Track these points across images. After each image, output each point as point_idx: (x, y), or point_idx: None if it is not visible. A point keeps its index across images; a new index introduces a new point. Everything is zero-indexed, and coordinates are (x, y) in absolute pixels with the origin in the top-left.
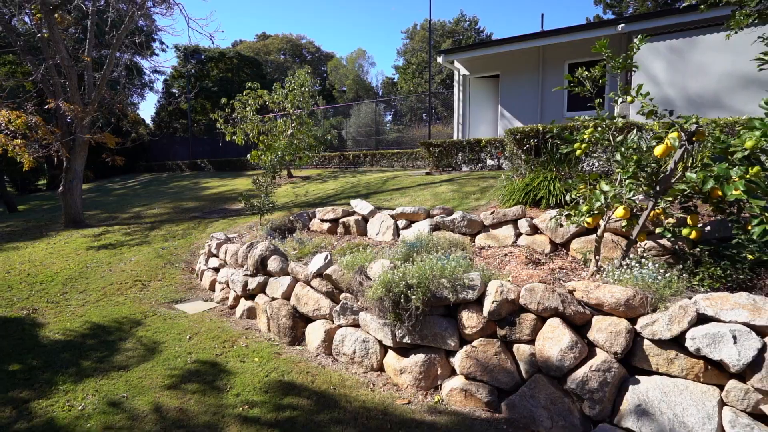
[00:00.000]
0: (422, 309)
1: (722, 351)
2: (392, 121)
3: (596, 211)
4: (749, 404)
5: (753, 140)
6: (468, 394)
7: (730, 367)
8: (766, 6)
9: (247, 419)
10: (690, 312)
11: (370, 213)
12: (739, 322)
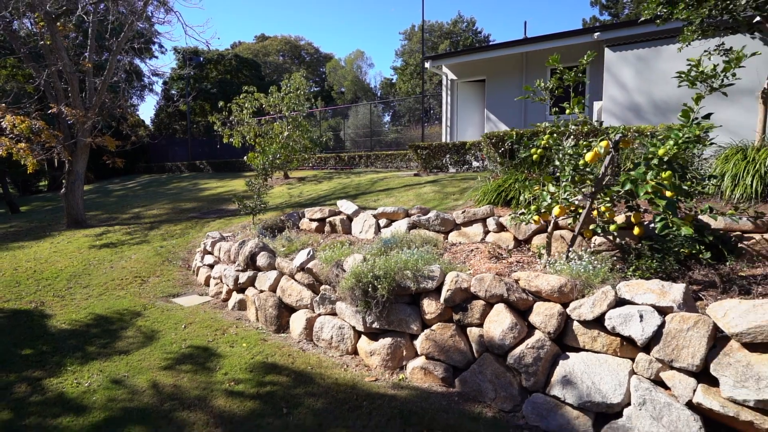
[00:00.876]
0: (387, 297)
1: (631, 328)
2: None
3: (543, 210)
4: (652, 372)
5: (664, 149)
6: (427, 371)
7: (637, 341)
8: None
9: (233, 393)
10: (609, 296)
11: (354, 213)
12: (648, 304)
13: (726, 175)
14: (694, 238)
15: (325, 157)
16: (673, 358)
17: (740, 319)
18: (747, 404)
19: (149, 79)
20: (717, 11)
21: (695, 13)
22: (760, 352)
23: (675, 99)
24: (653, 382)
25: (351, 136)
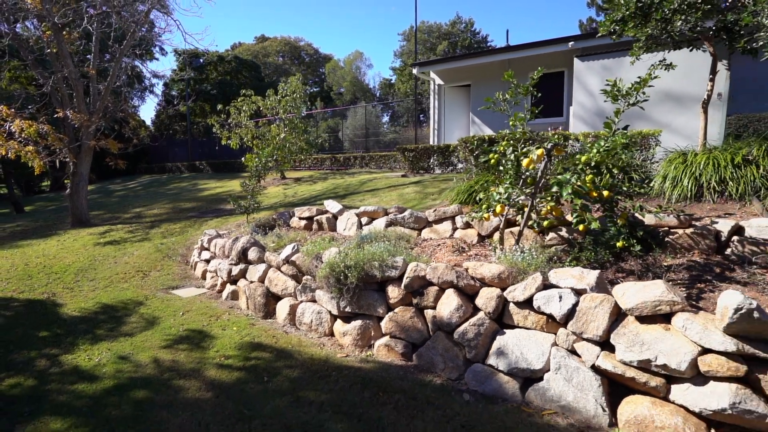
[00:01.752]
0: (357, 284)
1: (552, 307)
2: (390, 122)
3: (493, 208)
4: (569, 344)
5: (586, 156)
6: (390, 348)
7: (557, 317)
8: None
9: (222, 366)
10: (537, 281)
11: (339, 212)
12: (568, 287)
13: (668, 177)
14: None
15: (321, 158)
16: (583, 331)
17: (632, 297)
18: (632, 364)
19: (150, 80)
20: (658, 30)
21: (641, 32)
22: (646, 323)
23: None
24: (568, 351)
25: (349, 137)
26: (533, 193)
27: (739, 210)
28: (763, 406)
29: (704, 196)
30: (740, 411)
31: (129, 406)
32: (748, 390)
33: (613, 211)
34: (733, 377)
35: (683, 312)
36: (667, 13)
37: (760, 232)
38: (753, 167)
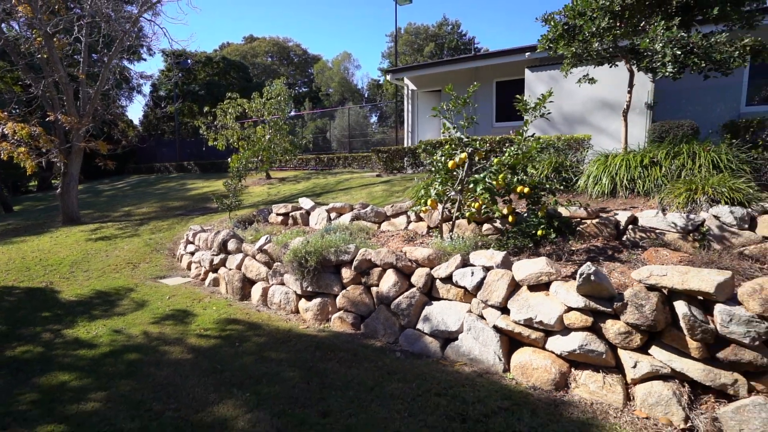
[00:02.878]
0: (316, 267)
1: (466, 280)
2: (378, 122)
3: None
4: (479, 310)
5: (498, 159)
6: (343, 320)
7: (469, 289)
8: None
9: (202, 335)
10: (457, 261)
11: (311, 208)
12: (480, 265)
13: (591, 175)
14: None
15: (306, 158)
16: (488, 299)
17: (523, 271)
18: (520, 323)
19: (137, 81)
20: (581, 49)
21: (568, 50)
22: (534, 291)
23: (578, 113)
24: (478, 316)
25: (337, 137)
26: (460, 190)
27: (643, 204)
28: (602, 346)
29: (618, 192)
30: (586, 351)
31: (123, 365)
32: (593, 335)
33: (537, 204)
34: (584, 327)
35: (557, 281)
36: (587, 35)
37: (648, 222)
38: (657, 168)
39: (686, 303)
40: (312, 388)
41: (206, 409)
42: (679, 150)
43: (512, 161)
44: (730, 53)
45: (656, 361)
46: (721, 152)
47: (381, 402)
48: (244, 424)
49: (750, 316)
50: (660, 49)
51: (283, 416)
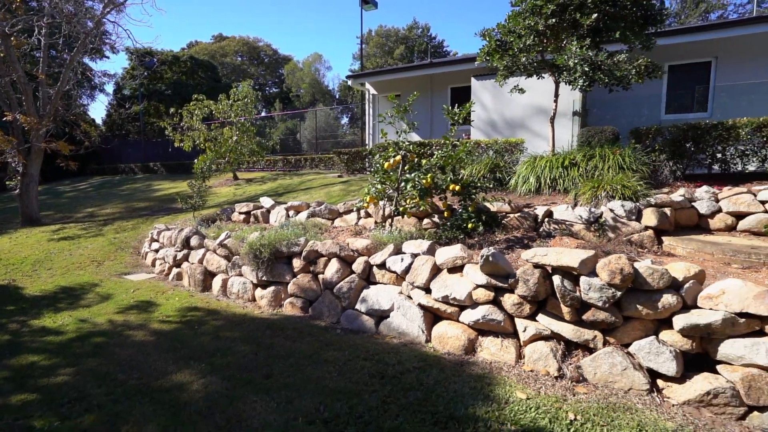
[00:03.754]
0: (269, 258)
1: (396, 266)
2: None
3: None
4: (408, 291)
5: (426, 160)
6: (293, 305)
7: (399, 273)
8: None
9: (164, 321)
10: (390, 249)
11: (271, 206)
12: (409, 252)
13: (520, 175)
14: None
15: (274, 159)
16: (415, 281)
17: (443, 256)
18: (439, 300)
19: (100, 79)
20: (511, 63)
21: (501, 62)
22: (451, 273)
23: (518, 118)
24: (406, 296)
25: (307, 138)
26: (396, 188)
27: (561, 200)
28: (501, 315)
29: (543, 190)
30: (488, 320)
31: (89, 346)
32: (495, 307)
33: (470, 201)
34: (488, 301)
35: (469, 264)
36: (516, 50)
37: (561, 215)
38: (575, 168)
39: (560, 277)
40: (259, 358)
41: (166, 377)
42: (593, 153)
43: (442, 162)
44: (628, 71)
45: (540, 325)
46: (625, 155)
47: (316, 366)
48: (198, 386)
49: (602, 284)
50: (573, 65)
51: (232, 379)
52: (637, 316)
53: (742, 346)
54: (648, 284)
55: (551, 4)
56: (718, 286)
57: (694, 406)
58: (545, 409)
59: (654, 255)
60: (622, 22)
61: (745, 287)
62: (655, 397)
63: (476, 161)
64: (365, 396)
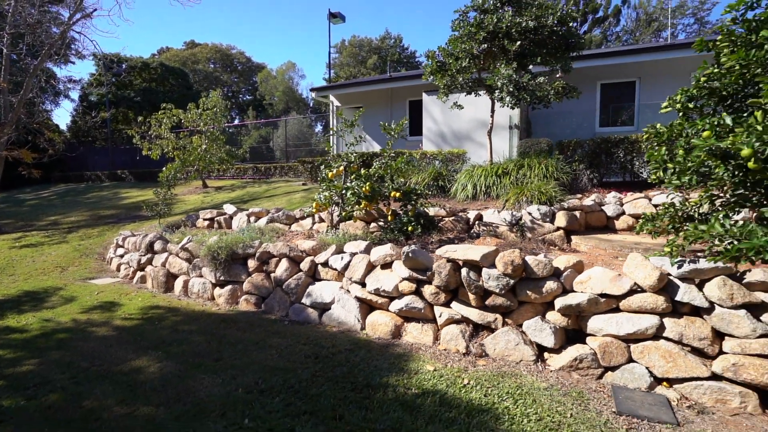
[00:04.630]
0: (226, 259)
1: (338, 264)
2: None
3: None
4: (347, 286)
5: (365, 170)
6: (248, 301)
7: (339, 270)
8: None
9: (126, 319)
10: (332, 249)
11: (234, 213)
12: (349, 252)
13: (459, 183)
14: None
15: (244, 167)
16: (352, 277)
17: (376, 254)
18: (372, 292)
19: (65, 85)
20: (450, 82)
21: (441, 81)
22: (383, 269)
23: (464, 130)
24: (345, 290)
25: (280, 146)
26: (340, 196)
27: (493, 205)
28: (422, 304)
29: (478, 196)
30: (411, 308)
31: (53, 342)
32: (417, 297)
33: (410, 206)
34: (411, 291)
35: (397, 260)
36: (454, 71)
37: (489, 218)
38: (507, 177)
39: (467, 269)
40: (211, 346)
41: (125, 363)
42: (523, 163)
43: (382, 172)
44: (547, 91)
45: (453, 311)
46: (549, 165)
47: (261, 351)
48: (154, 369)
49: (499, 274)
50: (500, 86)
51: (185, 363)
52: (528, 300)
53: (602, 320)
54: (535, 273)
55: (483, 32)
56: (587, 273)
57: (566, 371)
58: (446, 378)
59: (561, 251)
60: (545, 48)
61: (604, 273)
62: (539, 366)
63: (423, 170)
64: (299, 372)
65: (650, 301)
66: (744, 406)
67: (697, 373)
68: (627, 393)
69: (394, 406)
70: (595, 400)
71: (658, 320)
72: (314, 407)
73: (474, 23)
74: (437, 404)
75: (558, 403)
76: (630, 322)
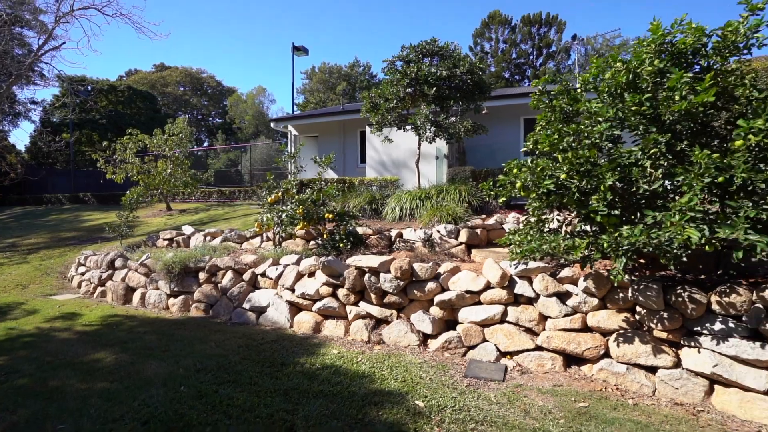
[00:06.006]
0: (180, 272)
1: (273, 273)
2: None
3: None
4: (280, 292)
5: (298, 196)
6: (198, 308)
7: (274, 279)
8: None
9: (87, 325)
10: (270, 262)
11: (192, 233)
12: (283, 264)
13: (389, 206)
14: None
15: (209, 191)
16: (285, 284)
17: (303, 265)
18: (299, 296)
19: (25, 106)
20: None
21: (374, 119)
22: (309, 277)
23: (402, 159)
24: (279, 296)
25: (249, 170)
26: (279, 217)
27: (416, 225)
28: (336, 303)
29: (405, 218)
30: (328, 307)
31: (19, 344)
32: (333, 298)
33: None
34: (329, 294)
35: (319, 270)
36: (383, 110)
37: (408, 236)
38: (429, 200)
39: (369, 274)
40: (162, 342)
41: (85, 356)
42: (442, 189)
43: (315, 197)
44: (459, 129)
45: (360, 309)
46: (464, 190)
47: (203, 344)
48: (110, 359)
49: (392, 277)
50: (420, 125)
51: (137, 354)
52: (416, 298)
53: (468, 311)
54: (420, 276)
55: (406, 79)
56: (458, 275)
57: (440, 351)
58: (346, 358)
59: (461, 261)
60: (458, 93)
61: (467, 275)
62: (421, 348)
63: (360, 195)
64: (230, 357)
65: (498, 295)
66: (553, 367)
67: (527, 346)
68: (478, 364)
69: (298, 375)
70: (453, 369)
71: (503, 308)
72: (237, 378)
73: (400, 71)
74: (332, 373)
75: (423, 371)
76: (485, 311)
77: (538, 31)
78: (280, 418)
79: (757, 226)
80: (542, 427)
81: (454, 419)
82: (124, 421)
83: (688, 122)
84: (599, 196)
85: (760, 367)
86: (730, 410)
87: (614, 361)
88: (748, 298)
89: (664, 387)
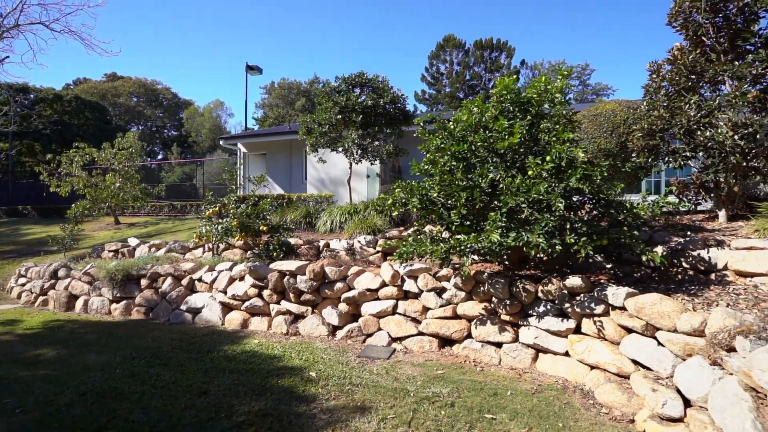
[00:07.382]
0: (122, 279)
1: (208, 278)
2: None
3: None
4: (215, 295)
5: (233, 211)
6: (139, 311)
7: (209, 282)
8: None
9: (28, 329)
10: (206, 268)
11: (137, 245)
12: (218, 270)
13: (322, 220)
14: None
15: (160, 205)
16: (218, 287)
17: (236, 270)
18: (230, 297)
19: None
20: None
21: (309, 141)
22: (239, 281)
23: (339, 177)
24: (213, 298)
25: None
26: (217, 229)
27: (343, 236)
28: (261, 302)
29: (335, 230)
30: (254, 305)
31: None
32: (258, 298)
33: (277, 237)
34: (255, 294)
35: (248, 274)
36: (317, 134)
37: (334, 245)
38: (357, 215)
39: (288, 276)
40: (102, 339)
41: (28, 353)
42: (368, 204)
43: (249, 211)
44: (383, 152)
45: (281, 306)
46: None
47: (141, 339)
48: (51, 355)
49: (307, 278)
50: (348, 147)
51: (78, 349)
52: (327, 296)
53: (368, 305)
54: (331, 278)
55: (337, 107)
56: (361, 276)
57: (344, 339)
58: (264, 345)
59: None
60: (383, 119)
61: (368, 275)
62: (330, 338)
63: (297, 209)
64: (163, 348)
65: (391, 291)
66: (431, 348)
67: (412, 332)
68: (372, 347)
69: (220, 359)
70: (351, 352)
71: (394, 302)
72: (166, 362)
73: (333, 99)
74: (249, 356)
75: (325, 354)
76: (381, 305)
77: (490, 55)
78: (198, 387)
79: (547, 233)
80: (402, 386)
81: (336, 383)
82: (64, 395)
83: (512, 155)
84: (456, 211)
85: (562, 336)
86: (545, 370)
87: (474, 340)
88: (558, 287)
89: (506, 357)
